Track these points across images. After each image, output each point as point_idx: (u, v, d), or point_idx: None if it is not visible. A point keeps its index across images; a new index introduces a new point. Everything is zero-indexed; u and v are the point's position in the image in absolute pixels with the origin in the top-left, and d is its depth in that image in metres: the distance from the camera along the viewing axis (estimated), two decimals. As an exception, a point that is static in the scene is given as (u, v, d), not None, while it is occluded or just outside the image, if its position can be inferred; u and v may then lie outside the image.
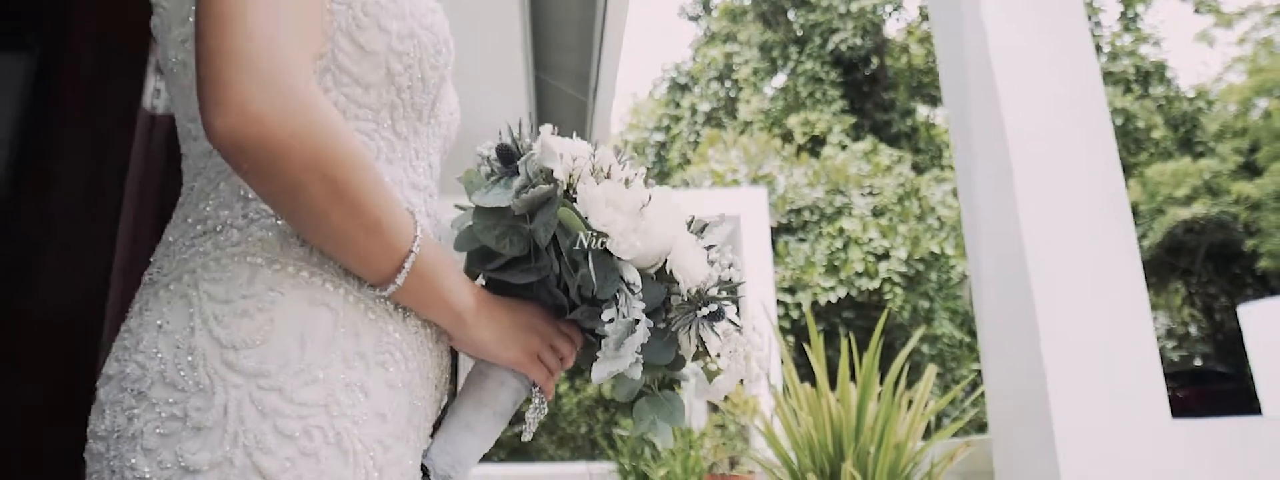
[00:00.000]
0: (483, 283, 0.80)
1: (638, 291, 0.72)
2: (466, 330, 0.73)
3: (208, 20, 0.60)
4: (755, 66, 17.93)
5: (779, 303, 10.25)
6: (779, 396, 3.01)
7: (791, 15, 18.36)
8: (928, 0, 3.15)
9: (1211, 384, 14.62)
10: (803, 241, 11.20)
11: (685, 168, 15.92)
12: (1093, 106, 2.64)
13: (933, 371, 3.01)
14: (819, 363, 2.93)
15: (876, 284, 10.53)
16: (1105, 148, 2.61)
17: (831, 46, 17.12)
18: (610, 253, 0.72)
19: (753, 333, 0.85)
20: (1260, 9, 17.97)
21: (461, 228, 0.76)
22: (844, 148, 14.96)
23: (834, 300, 10.57)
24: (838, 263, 10.71)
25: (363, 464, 0.63)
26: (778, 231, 11.32)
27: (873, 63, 18.11)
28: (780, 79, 18.06)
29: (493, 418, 0.79)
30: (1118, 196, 2.56)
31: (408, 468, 0.69)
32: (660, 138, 18.85)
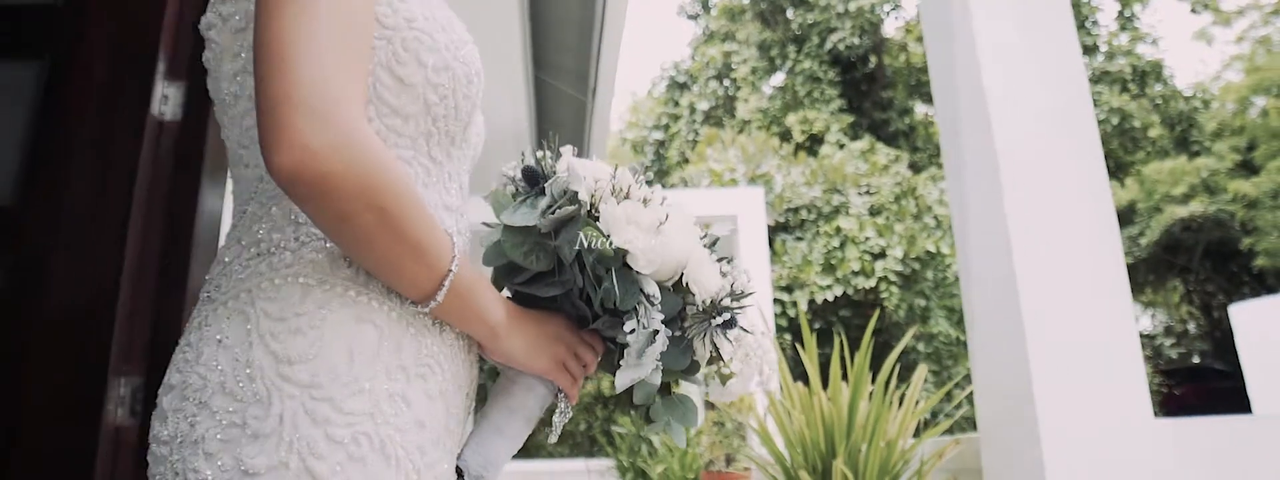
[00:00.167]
0: (509, 295, 0.85)
1: (656, 303, 0.78)
2: (499, 342, 0.79)
3: (267, 65, 0.65)
4: (754, 65, 17.93)
5: (776, 301, 10.28)
6: (772, 395, 3.05)
7: (790, 14, 18.36)
8: (920, 3, 3.19)
9: (1209, 381, 14.66)
10: (800, 240, 11.22)
11: (683, 166, 15.94)
12: (1080, 111, 2.68)
13: (923, 370, 3.05)
14: (811, 362, 2.97)
15: (873, 282, 10.55)
16: (1091, 152, 2.65)
17: (830, 45, 17.11)
18: (631, 267, 0.78)
19: (762, 337, 0.90)
20: (1258, 7, 17.96)
21: (489, 244, 0.81)
22: (842, 147, 14.97)
23: (830, 299, 10.59)
24: (834, 261, 10.73)
25: (404, 468, 0.69)
26: (775, 230, 11.34)
27: (871, 62, 18.10)
28: (778, 78, 18.06)
29: (521, 422, 0.84)
30: (1103, 199, 2.60)
31: (443, 471, 0.74)
32: (659, 136, 18.86)
